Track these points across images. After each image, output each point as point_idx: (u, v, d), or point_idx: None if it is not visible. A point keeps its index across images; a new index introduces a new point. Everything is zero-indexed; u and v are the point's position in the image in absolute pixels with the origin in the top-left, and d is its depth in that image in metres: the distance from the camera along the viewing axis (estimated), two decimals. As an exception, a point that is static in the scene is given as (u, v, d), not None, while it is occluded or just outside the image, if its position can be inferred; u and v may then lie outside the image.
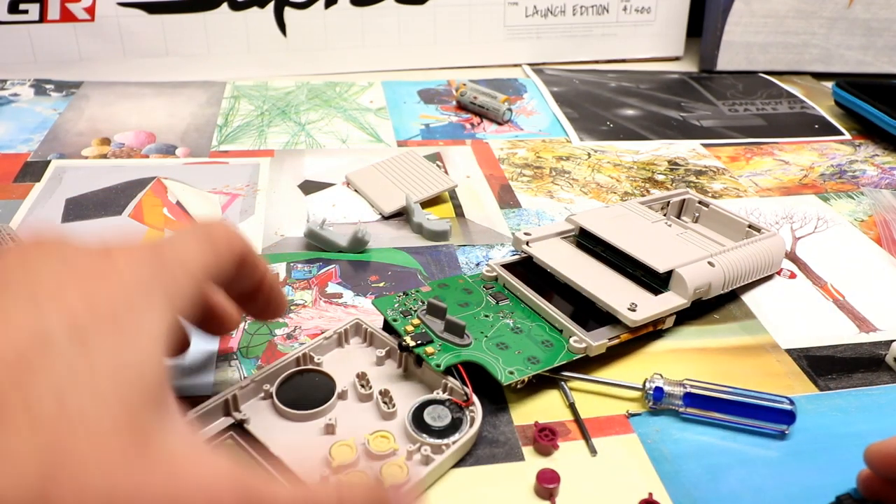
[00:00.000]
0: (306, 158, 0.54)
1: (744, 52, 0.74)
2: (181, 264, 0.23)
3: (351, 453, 0.28)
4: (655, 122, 0.63)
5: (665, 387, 0.32)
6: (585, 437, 0.31)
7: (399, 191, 0.48)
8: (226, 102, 0.63)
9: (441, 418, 0.30)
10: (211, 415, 0.30)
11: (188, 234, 0.24)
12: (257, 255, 0.27)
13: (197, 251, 0.24)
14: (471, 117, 0.62)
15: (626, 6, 0.75)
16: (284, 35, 0.69)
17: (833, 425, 0.32)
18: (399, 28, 0.71)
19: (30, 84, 0.64)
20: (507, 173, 0.53)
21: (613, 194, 0.51)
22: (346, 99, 0.65)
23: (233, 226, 0.26)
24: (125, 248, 0.22)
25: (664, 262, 0.36)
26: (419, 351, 0.31)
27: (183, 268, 0.23)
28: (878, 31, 0.73)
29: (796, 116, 0.65)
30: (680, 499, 0.28)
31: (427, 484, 0.28)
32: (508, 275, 0.38)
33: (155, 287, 0.21)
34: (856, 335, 0.38)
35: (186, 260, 0.23)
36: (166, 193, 0.48)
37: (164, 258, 0.22)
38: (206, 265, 0.24)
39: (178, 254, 0.23)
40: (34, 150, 0.53)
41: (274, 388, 0.31)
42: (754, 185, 0.53)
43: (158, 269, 0.22)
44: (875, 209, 0.50)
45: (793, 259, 0.44)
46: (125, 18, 0.65)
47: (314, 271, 0.41)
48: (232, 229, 0.26)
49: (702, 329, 0.38)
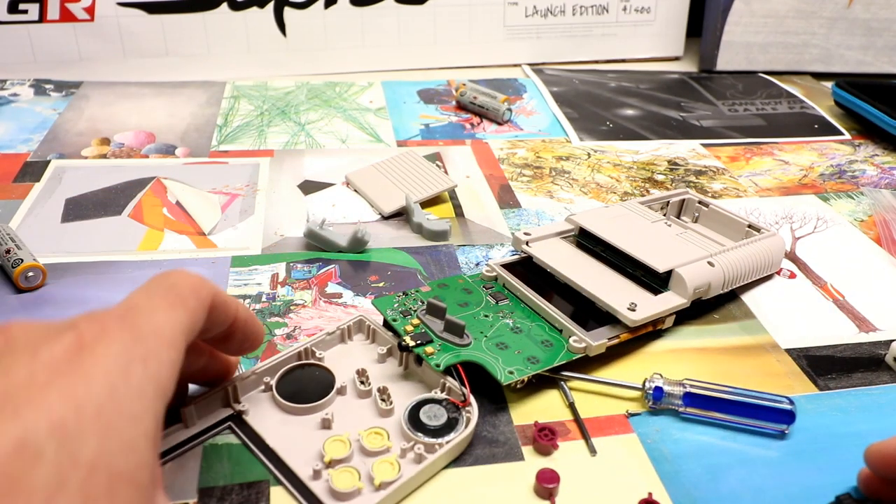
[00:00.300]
0: (306, 158, 0.54)
1: (744, 52, 0.74)
2: (158, 336, 0.21)
3: (344, 448, 0.28)
4: (655, 122, 0.63)
5: (665, 386, 0.32)
6: (585, 436, 0.31)
7: (399, 191, 0.48)
8: (225, 102, 0.63)
9: (437, 418, 0.30)
10: (211, 405, 0.30)
11: (156, 296, 0.23)
12: (226, 296, 0.26)
13: (169, 315, 0.22)
14: (470, 117, 0.62)
15: (625, 6, 0.75)
16: (284, 35, 0.69)
17: (833, 425, 0.32)
18: (399, 28, 0.71)
19: (29, 84, 0.64)
20: (506, 173, 0.53)
21: (613, 194, 0.51)
22: (345, 99, 0.65)
23: (194, 273, 0.25)
24: (97, 330, 0.20)
25: (664, 262, 0.36)
26: (419, 351, 0.31)
27: (161, 339, 0.21)
28: (878, 31, 0.73)
29: (796, 116, 0.65)
30: (680, 499, 0.28)
31: (419, 482, 0.28)
32: (508, 275, 0.38)
33: (137, 371, 0.20)
34: (855, 335, 0.38)
35: (162, 329, 0.22)
36: (166, 193, 0.48)
37: (139, 333, 0.21)
38: (182, 327, 0.22)
39: (153, 324, 0.21)
40: (34, 150, 0.53)
41: (274, 381, 0.31)
42: (754, 185, 0.53)
43: (137, 349, 0.20)
44: (875, 209, 0.50)
45: (792, 259, 0.44)
46: (125, 18, 0.65)
47: (314, 271, 0.41)
48: (196, 277, 0.24)
49: (701, 329, 0.38)
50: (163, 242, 0.43)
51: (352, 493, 0.26)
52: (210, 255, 0.42)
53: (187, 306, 0.23)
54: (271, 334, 0.36)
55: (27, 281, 0.38)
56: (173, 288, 0.23)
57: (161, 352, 0.21)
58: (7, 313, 0.36)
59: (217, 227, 0.45)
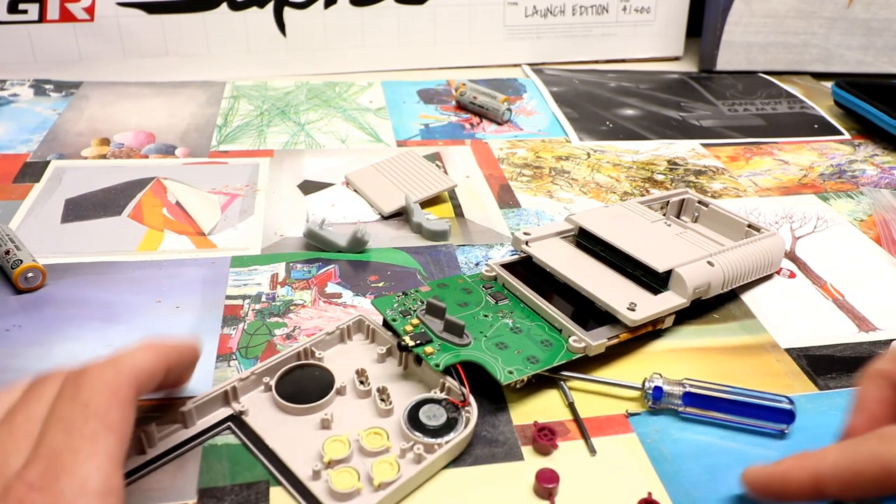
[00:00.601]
0: (306, 158, 0.54)
1: (743, 52, 0.74)
2: (86, 492, 0.21)
3: (344, 449, 0.28)
4: (655, 122, 0.63)
5: (664, 386, 0.32)
6: (585, 436, 0.31)
7: (398, 191, 0.48)
8: (225, 102, 0.63)
9: (436, 418, 0.30)
10: (210, 405, 0.30)
11: (74, 433, 0.22)
12: (151, 361, 0.25)
13: (94, 452, 0.21)
14: (470, 117, 0.62)
15: (625, 6, 0.75)
16: (284, 35, 0.69)
17: (833, 424, 0.32)
18: (399, 28, 0.71)
19: (29, 84, 0.64)
20: (506, 173, 0.53)
21: (613, 194, 0.51)
22: (345, 99, 0.65)
23: (107, 368, 0.24)
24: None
25: (663, 262, 0.36)
26: (418, 351, 0.31)
27: (90, 494, 0.21)
28: (877, 31, 0.73)
29: (796, 116, 0.65)
30: (679, 498, 0.28)
31: (418, 482, 0.28)
32: (508, 275, 0.38)
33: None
34: (855, 334, 0.38)
35: (88, 480, 0.21)
36: (166, 194, 0.48)
37: (63, 501, 0.20)
38: (110, 451, 0.22)
39: (78, 481, 0.21)
40: (34, 150, 0.53)
41: (274, 381, 0.31)
42: (754, 185, 0.53)
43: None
44: (875, 209, 0.50)
45: (792, 259, 0.44)
46: (125, 18, 0.65)
47: (313, 271, 0.41)
48: (109, 374, 0.23)
49: (701, 329, 0.38)
50: (162, 243, 0.43)
51: (351, 493, 0.26)
52: (210, 256, 0.42)
53: (111, 425, 0.22)
54: (271, 334, 0.36)
55: (27, 282, 0.38)
56: (88, 409, 0.22)
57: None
58: (7, 314, 0.36)
59: (217, 227, 0.45)
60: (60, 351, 0.34)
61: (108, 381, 0.23)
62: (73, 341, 0.35)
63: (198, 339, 0.30)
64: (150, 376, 0.25)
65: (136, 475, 0.27)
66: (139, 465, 0.28)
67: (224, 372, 0.33)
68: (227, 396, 0.30)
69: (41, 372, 0.25)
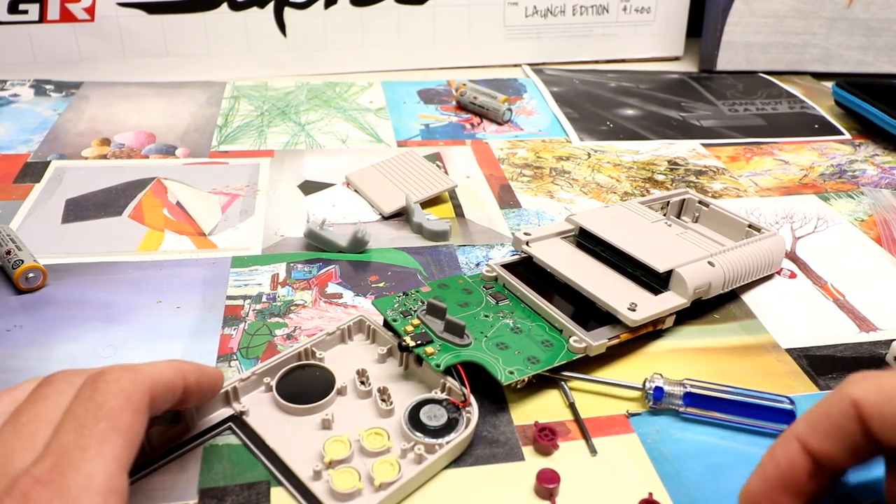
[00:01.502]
0: (306, 159, 0.54)
1: (744, 52, 0.74)
2: (90, 489, 0.21)
3: (344, 449, 0.28)
4: (655, 122, 0.63)
5: (665, 386, 0.32)
6: (585, 436, 0.31)
7: (399, 191, 0.48)
8: (226, 103, 0.63)
9: (437, 418, 0.30)
10: (211, 405, 0.30)
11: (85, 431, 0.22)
12: (168, 374, 0.25)
13: (102, 453, 0.22)
14: (471, 117, 0.62)
15: (626, 6, 0.75)
16: (284, 35, 0.69)
17: (833, 425, 0.32)
18: (399, 28, 0.71)
19: (30, 84, 0.64)
20: (506, 173, 0.53)
21: (613, 194, 0.51)
22: (345, 99, 0.65)
23: (124, 375, 0.24)
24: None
25: (664, 262, 0.36)
26: (419, 351, 0.31)
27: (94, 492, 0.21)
28: (878, 31, 0.73)
29: (796, 116, 0.65)
30: (680, 499, 0.28)
31: (419, 483, 0.28)
32: (508, 275, 0.38)
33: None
34: (856, 335, 0.38)
35: (94, 478, 0.21)
36: (166, 194, 0.48)
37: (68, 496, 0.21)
38: (117, 455, 0.22)
39: (84, 476, 0.21)
40: (34, 150, 0.53)
41: (274, 382, 0.31)
42: (754, 185, 0.53)
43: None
44: (875, 209, 0.50)
45: (793, 259, 0.44)
46: (125, 18, 0.65)
47: (314, 271, 0.41)
48: (126, 380, 0.24)
49: (702, 329, 0.38)
50: (163, 243, 0.43)
51: (352, 493, 0.26)
52: (210, 256, 0.42)
53: (121, 428, 0.22)
54: (271, 335, 0.36)
55: (28, 282, 0.38)
56: (101, 410, 0.22)
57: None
58: (8, 314, 0.36)
59: (217, 227, 0.45)
60: (61, 351, 0.34)
61: (125, 386, 0.23)
62: (74, 341, 0.35)
63: (221, 372, 0.30)
64: (166, 388, 0.25)
65: (138, 475, 0.27)
66: (140, 466, 0.28)
67: (225, 372, 0.33)
68: (228, 397, 0.30)
69: (46, 373, 0.25)
